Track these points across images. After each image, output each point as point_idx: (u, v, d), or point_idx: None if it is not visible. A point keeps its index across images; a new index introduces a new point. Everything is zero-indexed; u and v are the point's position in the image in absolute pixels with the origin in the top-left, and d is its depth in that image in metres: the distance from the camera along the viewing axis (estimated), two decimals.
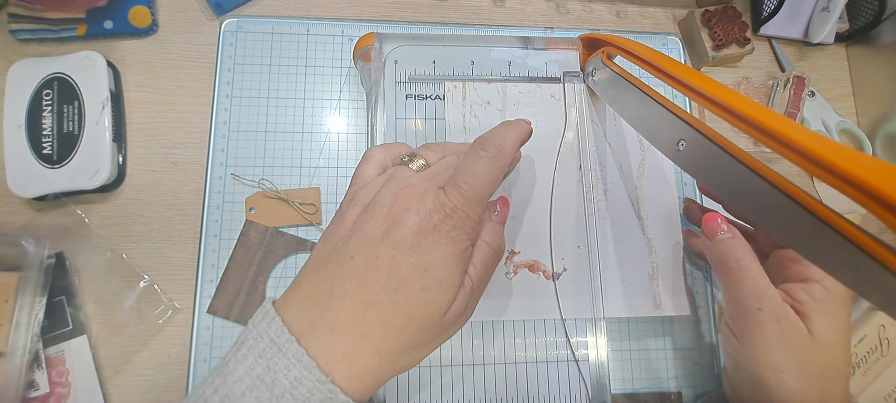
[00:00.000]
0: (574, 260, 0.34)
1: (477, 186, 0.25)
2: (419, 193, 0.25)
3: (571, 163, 0.35)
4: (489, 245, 0.27)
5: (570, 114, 0.37)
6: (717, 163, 0.26)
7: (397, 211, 0.24)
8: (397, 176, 0.26)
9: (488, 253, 0.27)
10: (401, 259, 0.24)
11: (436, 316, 0.24)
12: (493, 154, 0.27)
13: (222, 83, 0.42)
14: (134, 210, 0.40)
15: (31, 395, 0.35)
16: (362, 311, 0.23)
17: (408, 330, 0.24)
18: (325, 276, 0.24)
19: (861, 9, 0.49)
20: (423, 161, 0.28)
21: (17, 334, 0.33)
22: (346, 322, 0.23)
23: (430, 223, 0.24)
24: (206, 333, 0.37)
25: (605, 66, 0.35)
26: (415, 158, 0.28)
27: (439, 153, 0.29)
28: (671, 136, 0.29)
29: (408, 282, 0.24)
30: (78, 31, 0.41)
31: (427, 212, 0.24)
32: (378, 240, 0.24)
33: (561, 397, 0.33)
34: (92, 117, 0.38)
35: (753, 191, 0.24)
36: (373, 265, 0.24)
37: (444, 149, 0.29)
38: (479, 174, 0.26)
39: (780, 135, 0.22)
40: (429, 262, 0.24)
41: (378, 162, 0.29)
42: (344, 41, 0.44)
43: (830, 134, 0.47)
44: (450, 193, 0.25)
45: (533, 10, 0.48)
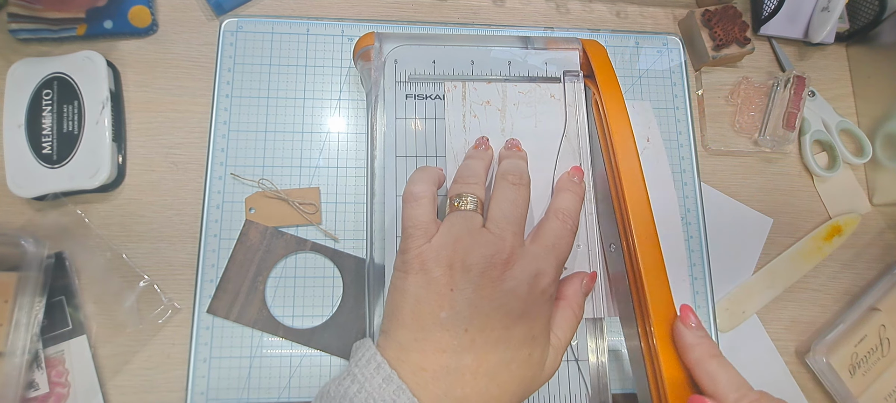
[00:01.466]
0: (574, 259, 0.34)
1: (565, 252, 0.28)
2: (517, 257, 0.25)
3: (571, 163, 0.35)
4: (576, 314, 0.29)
5: (570, 113, 0.36)
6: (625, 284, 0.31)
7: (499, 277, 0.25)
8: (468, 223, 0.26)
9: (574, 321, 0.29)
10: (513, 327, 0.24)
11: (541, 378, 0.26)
12: (571, 226, 0.29)
13: (222, 83, 0.42)
14: (134, 210, 0.40)
15: (31, 395, 0.35)
16: (485, 384, 0.24)
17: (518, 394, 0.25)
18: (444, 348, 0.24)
19: (861, 9, 0.49)
20: (474, 197, 0.28)
21: (17, 334, 0.33)
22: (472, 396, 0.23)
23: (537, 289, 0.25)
24: (206, 333, 0.37)
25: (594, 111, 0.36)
26: (464, 197, 0.28)
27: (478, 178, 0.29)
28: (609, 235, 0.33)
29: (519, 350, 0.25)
30: (78, 30, 0.41)
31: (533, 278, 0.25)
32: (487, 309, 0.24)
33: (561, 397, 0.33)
34: (92, 117, 0.38)
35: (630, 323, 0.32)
36: (487, 336, 0.24)
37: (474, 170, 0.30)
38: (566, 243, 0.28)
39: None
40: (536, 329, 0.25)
41: (428, 201, 0.28)
42: (344, 41, 0.44)
43: (831, 133, 0.47)
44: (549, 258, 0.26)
45: (533, 9, 0.48)
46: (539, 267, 0.26)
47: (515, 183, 0.28)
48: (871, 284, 0.45)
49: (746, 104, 0.47)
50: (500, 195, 0.28)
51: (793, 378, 0.42)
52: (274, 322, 0.38)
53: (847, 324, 0.42)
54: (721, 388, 0.26)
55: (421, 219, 0.26)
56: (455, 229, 0.26)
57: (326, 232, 0.40)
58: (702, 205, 0.44)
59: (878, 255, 0.46)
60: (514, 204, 0.27)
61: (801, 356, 0.43)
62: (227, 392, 0.37)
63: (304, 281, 0.39)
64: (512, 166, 0.30)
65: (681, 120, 0.46)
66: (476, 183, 0.28)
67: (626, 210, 0.32)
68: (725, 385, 0.26)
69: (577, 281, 0.31)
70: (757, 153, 0.47)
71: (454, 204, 0.27)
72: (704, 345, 0.28)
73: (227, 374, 0.37)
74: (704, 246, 0.43)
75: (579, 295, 0.30)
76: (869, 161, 0.47)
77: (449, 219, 0.27)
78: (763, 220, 0.45)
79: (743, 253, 0.44)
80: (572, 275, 0.31)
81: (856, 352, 0.42)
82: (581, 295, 0.30)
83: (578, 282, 0.31)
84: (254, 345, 0.38)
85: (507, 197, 0.28)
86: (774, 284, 0.44)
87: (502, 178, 0.29)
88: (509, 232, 0.26)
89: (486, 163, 0.31)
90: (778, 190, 0.46)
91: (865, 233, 0.47)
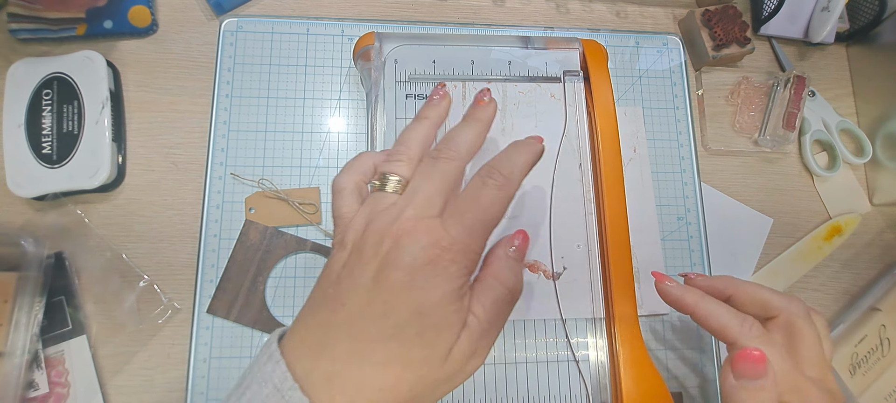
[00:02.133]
0: (574, 259, 0.34)
1: (482, 217, 0.24)
2: (410, 228, 0.23)
3: (571, 162, 0.35)
4: (503, 284, 0.25)
5: (570, 113, 0.36)
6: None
7: (387, 250, 0.23)
8: (377, 206, 0.24)
9: (502, 294, 0.25)
10: (394, 303, 0.22)
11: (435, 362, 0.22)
12: (501, 182, 0.25)
13: (222, 83, 0.42)
14: (134, 210, 0.40)
15: (31, 395, 0.35)
16: (357, 363, 0.22)
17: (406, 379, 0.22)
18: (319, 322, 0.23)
19: (861, 9, 0.49)
20: (397, 177, 0.25)
21: (17, 334, 0.33)
22: (343, 373, 0.22)
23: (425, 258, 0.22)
24: (206, 333, 0.37)
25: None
26: (387, 178, 0.25)
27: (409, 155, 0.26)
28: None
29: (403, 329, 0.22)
30: (78, 30, 0.41)
31: (422, 248, 0.22)
32: (369, 284, 0.22)
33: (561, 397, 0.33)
34: (92, 117, 0.38)
35: None
36: (365, 312, 0.22)
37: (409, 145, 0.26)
38: (484, 204, 0.24)
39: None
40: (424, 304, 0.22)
41: (351, 191, 0.26)
42: (344, 41, 0.44)
43: (830, 133, 0.47)
44: (449, 225, 0.23)
45: (533, 9, 0.48)
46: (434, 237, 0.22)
47: (435, 157, 0.25)
48: (871, 284, 0.45)
49: (746, 104, 0.47)
50: (418, 168, 0.26)
51: None
52: (274, 322, 0.38)
53: (847, 324, 0.42)
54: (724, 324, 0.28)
55: (340, 211, 0.26)
56: (366, 210, 0.25)
57: (326, 233, 0.40)
58: (702, 205, 0.44)
59: (878, 255, 0.46)
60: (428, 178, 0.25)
61: None
62: (226, 393, 0.37)
63: (305, 281, 0.39)
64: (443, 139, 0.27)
65: (681, 120, 0.46)
66: (402, 160, 0.26)
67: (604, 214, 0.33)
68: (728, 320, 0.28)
69: (501, 247, 0.26)
70: (757, 153, 0.47)
71: (374, 184, 0.26)
72: (689, 294, 0.30)
73: (227, 374, 0.37)
74: (704, 246, 0.43)
75: (503, 261, 0.26)
76: (869, 161, 0.47)
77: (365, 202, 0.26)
78: (763, 220, 0.45)
79: (743, 253, 0.44)
80: (498, 242, 0.27)
81: (856, 352, 0.42)
82: (507, 261, 0.26)
83: (504, 247, 0.26)
84: (254, 345, 0.37)
85: (422, 169, 0.25)
86: (774, 284, 0.44)
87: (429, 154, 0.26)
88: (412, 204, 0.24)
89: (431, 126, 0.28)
90: (778, 190, 0.46)
91: (865, 233, 0.47)
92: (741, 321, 0.28)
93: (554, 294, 0.34)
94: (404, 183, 0.25)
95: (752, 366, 0.26)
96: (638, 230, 0.38)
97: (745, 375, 0.26)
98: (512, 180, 0.25)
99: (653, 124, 0.45)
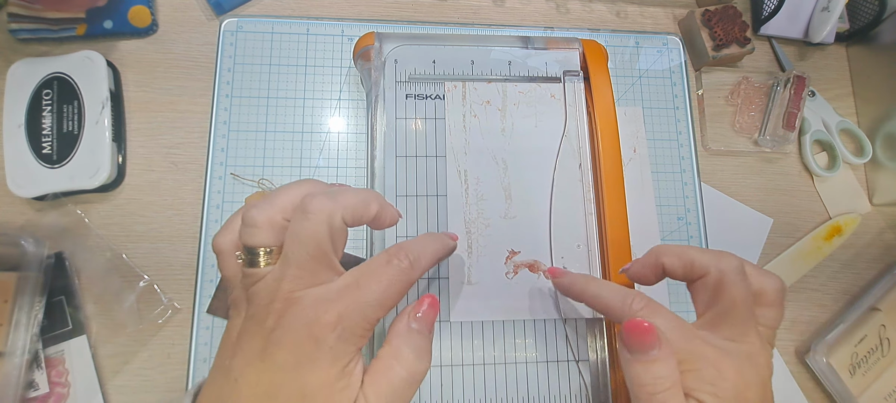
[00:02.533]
0: (574, 259, 0.34)
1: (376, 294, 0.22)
2: (294, 301, 0.21)
3: (571, 162, 0.35)
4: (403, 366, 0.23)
5: (570, 113, 0.36)
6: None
7: (271, 327, 0.21)
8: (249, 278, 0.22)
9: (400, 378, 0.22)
10: (280, 383, 0.21)
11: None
12: (406, 266, 0.23)
13: (222, 83, 0.42)
14: (134, 210, 0.40)
15: (31, 395, 0.35)
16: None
17: None
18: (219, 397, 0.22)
19: (861, 9, 0.49)
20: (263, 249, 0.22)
21: (17, 334, 0.33)
22: None
23: (309, 337, 0.21)
24: (206, 333, 0.37)
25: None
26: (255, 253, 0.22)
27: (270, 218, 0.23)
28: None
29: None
30: (78, 30, 0.41)
31: (304, 325, 0.21)
32: (257, 362, 0.21)
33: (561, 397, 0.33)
34: (92, 117, 0.38)
35: None
36: (254, 391, 0.21)
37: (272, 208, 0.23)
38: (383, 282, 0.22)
39: None
40: (307, 386, 0.21)
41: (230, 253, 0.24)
42: (344, 41, 0.44)
43: (831, 133, 0.47)
44: (337, 300, 0.21)
45: (533, 9, 0.48)
46: (318, 312, 0.21)
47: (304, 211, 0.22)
48: (871, 284, 0.45)
49: (746, 104, 0.47)
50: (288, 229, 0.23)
51: (793, 378, 0.42)
52: None
53: (847, 324, 0.42)
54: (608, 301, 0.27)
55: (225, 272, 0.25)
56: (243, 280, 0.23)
57: None
58: (702, 205, 0.44)
59: (878, 255, 0.46)
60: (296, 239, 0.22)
61: (801, 356, 0.43)
62: None
63: None
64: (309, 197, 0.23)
65: (681, 120, 0.46)
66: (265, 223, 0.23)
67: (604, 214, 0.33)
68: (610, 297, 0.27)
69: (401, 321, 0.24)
70: (757, 153, 0.47)
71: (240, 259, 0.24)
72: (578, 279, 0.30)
73: None
74: (704, 246, 0.43)
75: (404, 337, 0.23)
76: (869, 161, 0.47)
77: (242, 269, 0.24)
78: (763, 220, 0.45)
79: (743, 253, 0.44)
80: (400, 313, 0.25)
81: (856, 352, 0.42)
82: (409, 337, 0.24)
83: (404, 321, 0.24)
84: None
85: (292, 231, 0.22)
86: None
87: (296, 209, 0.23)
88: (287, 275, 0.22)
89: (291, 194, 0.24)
90: (778, 190, 0.46)
91: (865, 233, 0.47)
92: (624, 296, 0.26)
93: (554, 294, 0.34)
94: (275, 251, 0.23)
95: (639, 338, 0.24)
96: (638, 230, 0.38)
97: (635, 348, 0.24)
98: (416, 267, 0.24)
99: (653, 124, 0.45)
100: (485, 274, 0.33)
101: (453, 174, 0.34)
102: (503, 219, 0.34)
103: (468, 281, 0.32)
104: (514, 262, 0.34)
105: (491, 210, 0.34)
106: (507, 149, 0.35)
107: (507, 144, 0.35)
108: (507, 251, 0.34)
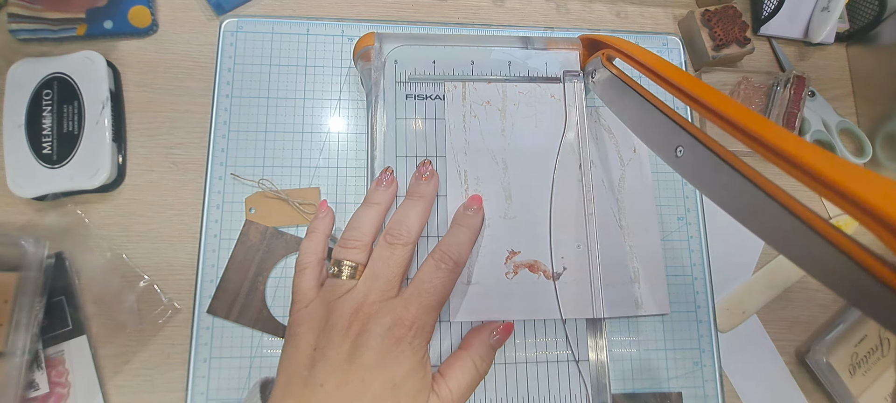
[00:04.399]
0: (574, 259, 0.34)
1: (435, 296, 0.27)
2: (375, 311, 0.26)
3: (571, 162, 0.35)
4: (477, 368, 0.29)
5: (570, 114, 0.36)
6: (714, 170, 0.26)
7: (357, 332, 0.26)
8: (335, 292, 0.27)
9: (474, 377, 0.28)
10: (370, 379, 0.25)
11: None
12: (451, 266, 0.29)
13: (222, 83, 0.42)
14: (134, 210, 0.40)
15: (31, 395, 0.35)
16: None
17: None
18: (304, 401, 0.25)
19: (861, 9, 0.49)
20: (351, 265, 0.28)
21: (17, 334, 0.33)
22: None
23: (392, 338, 0.25)
24: (206, 333, 0.37)
25: (605, 68, 0.35)
26: (342, 265, 0.28)
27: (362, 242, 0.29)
28: (669, 142, 0.29)
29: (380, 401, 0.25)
30: (78, 30, 0.41)
31: (387, 329, 0.26)
32: (344, 364, 0.25)
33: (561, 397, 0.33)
34: (92, 117, 0.38)
35: (750, 201, 0.24)
36: (344, 391, 0.24)
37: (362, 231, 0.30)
38: (437, 285, 0.28)
39: (777, 147, 0.22)
40: (396, 376, 0.25)
41: (314, 269, 0.30)
42: (344, 41, 0.44)
43: (831, 133, 0.47)
44: (409, 305, 0.27)
45: (533, 10, 0.48)
46: (396, 317, 0.26)
47: (391, 243, 0.29)
48: None
49: (746, 104, 0.47)
50: (375, 253, 0.29)
51: (793, 378, 0.42)
52: (274, 322, 0.38)
53: (847, 324, 0.42)
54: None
55: (301, 287, 0.29)
56: (326, 294, 0.28)
57: None
58: (702, 205, 0.44)
59: None
60: (385, 262, 0.28)
61: (801, 356, 0.43)
62: (227, 392, 0.37)
63: None
64: (395, 222, 0.30)
65: None
66: (356, 247, 0.29)
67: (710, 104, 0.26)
68: None
69: (484, 332, 0.31)
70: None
71: (331, 272, 0.29)
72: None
73: (227, 374, 0.37)
74: (704, 246, 0.43)
75: (483, 346, 0.30)
76: (869, 161, 0.47)
77: (324, 286, 0.29)
78: None
79: (743, 253, 0.44)
80: (481, 326, 0.31)
81: (856, 352, 0.42)
82: (485, 347, 0.30)
83: (486, 333, 0.30)
84: (254, 345, 0.38)
85: (380, 255, 0.29)
86: (774, 284, 0.44)
87: (382, 235, 0.30)
88: (375, 288, 0.27)
89: (381, 212, 0.31)
90: None
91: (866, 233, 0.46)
92: None
93: (554, 294, 0.34)
94: (359, 267, 0.29)
95: None
96: (638, 230, 0.38)
97: None
98: (460, 263, 0.29)
99: None
100: (485, 274, 0.33)
101: (453, 174, 0.34)
102: (503, 220, 0.34)
103: (469, 280, 0.32)
104: (514, 262, 0.34)
105: (491, 210, 0.34)
106: (508, 149, 0.35)
107: (508, 144, 0.35)
108: (507, 251, 0.34)
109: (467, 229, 0.31)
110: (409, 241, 0.29)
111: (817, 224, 0.21)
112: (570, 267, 0.34)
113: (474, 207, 0.32)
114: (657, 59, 0.31)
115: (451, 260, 0.29)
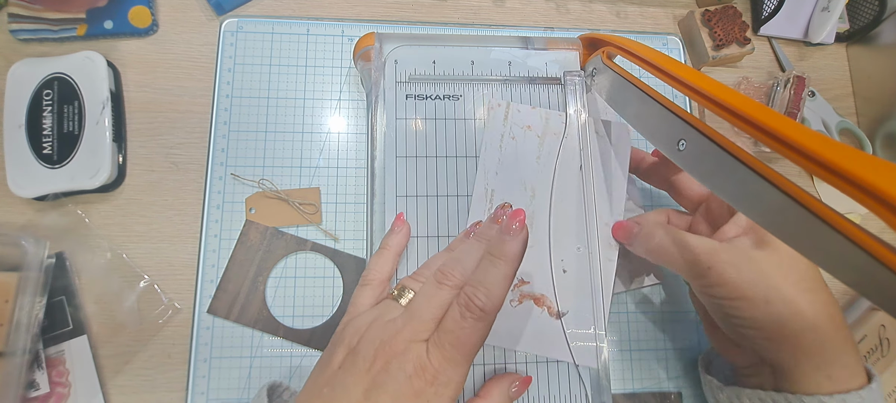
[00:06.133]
0: (574, 260, 0.34)
1: (460, 350, 0.24)
2: (400, 351, 0.24)
3: (571, 163, 0.35)
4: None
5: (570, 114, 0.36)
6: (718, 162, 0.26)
7: (378, 370, 0.24)
8: (384, 316, 0.26)
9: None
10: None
11: None
12: (479, 315, 0.24)
13: (222, 83, 0.42)
14: (134, 210, 0.40)
15: (32, 395, 0.35)
16: None
17: None
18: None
19: (861, 9, 0.49)
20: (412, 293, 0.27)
21: (17, 334, 0.33)
22: None
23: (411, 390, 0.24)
24: (207, 333, 0.37)
25: (606, 67, 0.35)
26: (405, 291, 0.28)
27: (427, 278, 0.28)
28: (672, 136, 0.29)
29: None
30: (78, 31, 0.41)
31: (407, 377, 0.24)
32: (360, 399, 0.24)
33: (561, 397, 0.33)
34: (92, 117, 0.38)
35: (754, 190, 0.24)
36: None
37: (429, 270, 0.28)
38: (461, 338, 0.24)
39: (781, 135, 0.22)
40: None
41: (375, 288, 0.29)
42: (344, 41, 0.44)
43: (830, 133, 0.47)
44: (433, 355, 0.24)
45: (533, 10, 0.48)
46: (419, 364, 0.24)
47: (440, 281, 0.26)
48: None
49: None
50: (422, 288, 0.27)
51: None
52: (274, 322, 0.38)
53: None
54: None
55: (356, 301, 0.29)
56: (375, 313, 0.27)
57: (326, 233, 0.40)
58: None
59: None
60: (428, 299, 0.26)
61: None
62: (227, 392, 0.37)
63: (304, 281, 0.39)
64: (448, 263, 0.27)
65: None
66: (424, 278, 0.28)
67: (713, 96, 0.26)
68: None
69: (504, 383, 0.30)
70: (757, 153, 0.47)
71: (392, 293, 0.28)
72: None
73: (227, 374, 0.37)
74: None
75: (502, 397, 0.29)
76: None
77: (379, 304, 0.28)
78: None
79: None
80: (501, 376, 0.31)
81: None
82: (504, 398, 0.29)
83: (506, 384, 0.30)
84: (254, 345, 0.38)
85: (426, 292, 0.26)
86: None
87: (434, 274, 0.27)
88: (408, 327, 0.25)
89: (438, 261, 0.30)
90: None
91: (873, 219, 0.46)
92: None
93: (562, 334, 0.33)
94: None
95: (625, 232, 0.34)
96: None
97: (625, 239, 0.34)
98: (491, 311, 0.24)
99: None
100: None
101: (480, 191, 0.34)
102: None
103: None
104: (520, 291, 0.33)
105: None
106: (538, 177, 0.35)
107: (540, 172, 0.35)
108: (517, 279, 0.33)
109: (503, 263, 0.25)
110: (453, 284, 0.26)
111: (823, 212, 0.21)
112: (570, 270, 0.34)
113: (516, 225, 0.26)
114: (657, 53, 0.31)
115: (478, 309, 0.24)
